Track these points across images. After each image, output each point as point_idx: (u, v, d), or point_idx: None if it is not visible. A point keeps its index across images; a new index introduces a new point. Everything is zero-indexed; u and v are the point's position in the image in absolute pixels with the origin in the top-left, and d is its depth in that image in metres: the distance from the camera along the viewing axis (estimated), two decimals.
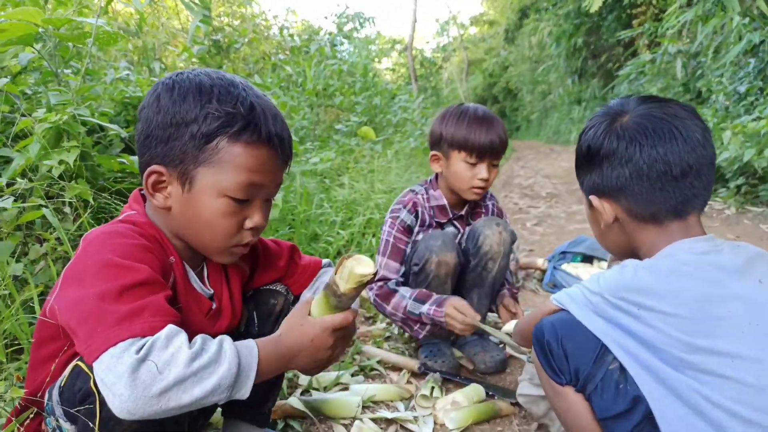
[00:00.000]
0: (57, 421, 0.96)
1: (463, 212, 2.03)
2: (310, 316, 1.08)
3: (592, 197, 1.18)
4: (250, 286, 1.32)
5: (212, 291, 1.19)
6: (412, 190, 2.08)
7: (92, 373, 0.87)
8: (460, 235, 2.03)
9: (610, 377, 1.04)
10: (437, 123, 1.99)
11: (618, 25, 12.28)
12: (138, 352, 0.83)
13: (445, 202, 2.00)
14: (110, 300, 0.88)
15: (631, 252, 1.19)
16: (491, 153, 1.89)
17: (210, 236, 1.08)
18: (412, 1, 16.22)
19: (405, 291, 1.89)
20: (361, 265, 1.00)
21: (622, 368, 1.04)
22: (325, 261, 1.42)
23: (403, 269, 1.96)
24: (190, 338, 1.00)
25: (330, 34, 8.70)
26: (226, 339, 0.94)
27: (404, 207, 1.98)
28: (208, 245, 1.10)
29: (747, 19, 5.60)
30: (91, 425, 0.91)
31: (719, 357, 0.95)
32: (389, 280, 1.93)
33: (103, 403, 0.88)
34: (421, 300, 1.85)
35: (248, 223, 1.09)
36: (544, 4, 15.82)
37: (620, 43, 12.38)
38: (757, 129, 4.17)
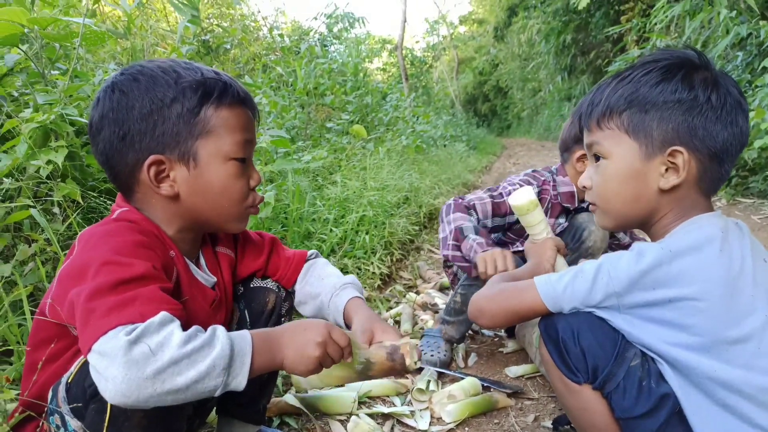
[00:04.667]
0: (62, 418, 0.94)
1: (583, 205, 2.01)
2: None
3: (680, 148, 1.00)
4: (234, 276, 1.31)
5: (215, 279, 1.19)
6: (537, 177, 2.03)
7: None
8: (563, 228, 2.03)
9: (632, 375, 0.99)
10: None
11: (606, 21, 12.34)
12: (128, 334, 0.81)
13: (574, 189, 1.98)
14: (104, 293, 0.86)
15: (644, 224, 1.11)
16: None
17: (228, 203, 1.10)
18: (401, 0, 16.21)
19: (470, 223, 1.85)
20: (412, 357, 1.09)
21: (643, 364, 0.99)
22: (311, 252, 1.41)
23: (473, 218, 1.89)
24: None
25: (320, 34, 8.68)
26: (219, 326, 0.93)
27: (534, 184, 1.98)
28: (228, 213, 1.12)
29: (734, 13, 5.64)
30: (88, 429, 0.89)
31: (744, 345, 0.94)
32: (470, 209, 1.90)
33: None
34: (479, 235, 1.81)
35: (252, 182, 1.13)
36: (532, 2, 15.88)
37: (609, 40, 12.44)
38: None
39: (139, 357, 0.80)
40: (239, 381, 0.90)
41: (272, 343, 0.98)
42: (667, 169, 1.02)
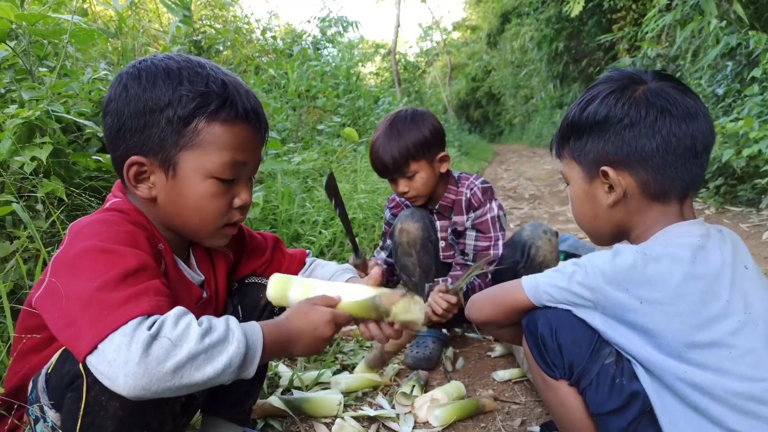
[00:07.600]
0: (41, 409, 0.93)
1: (436, 207, 2.10)
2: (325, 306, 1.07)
3: (606, 168, 1.07)
4: (234, 274, 1.31)
5: (203, 277, 1.18)
6: (389, 202, 2.33)
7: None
8: (439, 227, 2.14)
9: (606, 372, 1.01)
10: None
11: (598, 29, 12.41)
12: (150, 328, 0.82)
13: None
14: (112, 286, 0.86)
15: (621, 235, 1.15)
16: (389, 173, 2.01)
17: (200, 220, 1.07)
18: (395, 6, 16.26)
19: None
20: (413, 313, 1.08)
21: (617, 362, 1.02)
22: (308, 252, 1.43)
23: (383, 254, 2.25)
24: None
25: (313, 37, 8.67)
26: (232, 318, 0.93)
27: (388, 207, 2.29)
28: (199, 229, 1.09)
29: (724, 23, 5.70)
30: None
31: (717, 349, 0.95)
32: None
33: (90, 386, 0.85)
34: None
35: (237, 202, 1.09)
36: (525, 9, 15.95)
37: (600, 48, 12.52)
38: (736, 130, 4.22)
39: (159, 353, 0.81)
40: (249, 373, 0.92)
41: (282, 338, 0.99)
42: (609, 187, 1.09)
